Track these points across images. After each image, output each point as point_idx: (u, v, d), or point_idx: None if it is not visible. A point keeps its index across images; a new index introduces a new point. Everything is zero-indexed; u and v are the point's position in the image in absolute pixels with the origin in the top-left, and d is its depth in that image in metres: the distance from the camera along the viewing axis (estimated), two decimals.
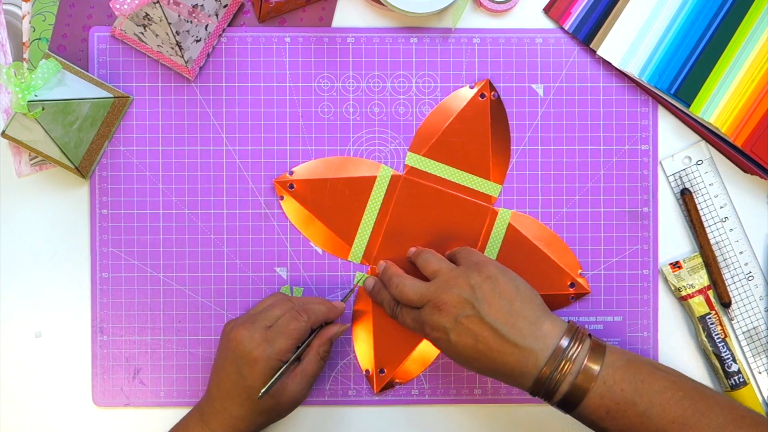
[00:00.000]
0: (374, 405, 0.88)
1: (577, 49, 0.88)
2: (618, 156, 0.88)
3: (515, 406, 0.88)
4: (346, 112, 0.87)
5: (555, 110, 0.88)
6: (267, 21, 0.87)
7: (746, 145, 0.85)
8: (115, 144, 0.87)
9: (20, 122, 0.80)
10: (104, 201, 0.87)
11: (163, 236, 0.87)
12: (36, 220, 0.87)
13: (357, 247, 0.86)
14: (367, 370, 0.87)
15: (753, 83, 0.85)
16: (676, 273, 0.86)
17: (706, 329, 0.86)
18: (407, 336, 0.86)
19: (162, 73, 0.87)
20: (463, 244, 0.86)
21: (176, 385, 0.87)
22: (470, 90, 0.87)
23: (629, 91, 0.88)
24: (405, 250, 0.86)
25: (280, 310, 0.80)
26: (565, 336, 0.73)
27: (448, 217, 0.86)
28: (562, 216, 0.87)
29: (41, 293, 0.87)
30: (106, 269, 0.87)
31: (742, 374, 0.86)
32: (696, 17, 0.86)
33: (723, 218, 0.88)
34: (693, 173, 0.88)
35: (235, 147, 0.87)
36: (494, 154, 0.87)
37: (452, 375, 0.87)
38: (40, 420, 0.87)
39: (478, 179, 0.86)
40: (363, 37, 0.87)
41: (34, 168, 0.87)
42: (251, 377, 0.77)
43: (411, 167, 0.86)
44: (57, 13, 0.86)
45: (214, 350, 0.87)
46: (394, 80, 0.87)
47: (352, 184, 0.86)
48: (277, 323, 0.79)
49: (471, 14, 0.88)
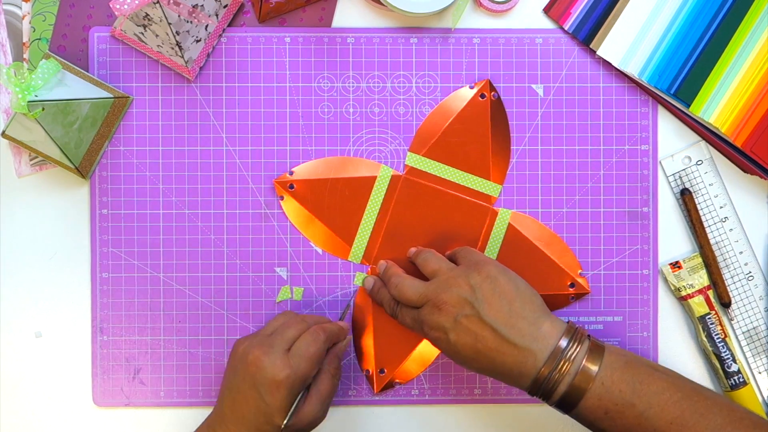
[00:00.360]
0: (374, 405, 0.88)
1: (577, 49, 0.88)
2: (618, 156, 0.88)
3: (515, 406, 0.88)
4: (346, 112, 0.87)
5: (555, 110, 0.88)
6: (267, 21, 0.87)
7: (746, 145, 0.85)
8: (115, 144, 0.87)
9: (20, 122, 0.80)
10: (104, 201, 0.87)
11: (163, 236, 0.87)
12: (36, 220, 0.87)
13: (357, 247, 0.86)
14: (368, 370, 0.87)
15: (753, 83, 0.85)
16: (676, 273, 0.86)
17: (706, 329, 0.86)
18: (407, 336, 0.86)
19: (162, 73, 0.87)
20: (463, 244, 0.86)
21: (176, 385, 0.87)
22: (470, 90, 0.87)
23: (629, 91, 0.88)
24: (405, 250, 0.86)
25: (295, 331, 0.78)
26: (564, 336, 0.73)
27: (448, 217, 0.86)
28: (562, 216, 0.87)
29: (41, 293, 0.87)
30: (106, 269, 0.87)
31: (741, 374, 0.86)
32: (696, 17, 0.86)
33: (723, 218, 0.88)
34: (693, 173, 0.88)
35: (235, 147, 0.87)
36: (494, 155, 0.87)
37: (452, 375, 0.87)
38: (40, 420, 0.87)
39: (478, 179, 0.86)
40: (363, 37, 0.87)
41: (34, 168, 0.87)
42: (274, 404, 0.74)
43: (411, 167, 0.86)
44: (57, 13, 0.86)
45: (214, 350, 0.87)
46: (394, 80, 0.87)
47: (352, 184, 0.86)
48: (297, 347, 0.76)
49: (471, 14, 0.88)
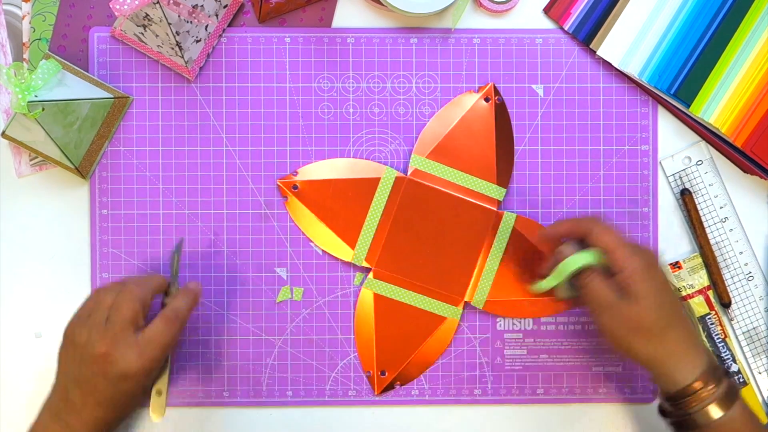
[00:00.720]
0: (374, 405, 0.88)
1: (577, 49, 0.88)
2: (618, 156, 0.88)
3: (515, 406, 0.88)
4: (346, 112, 0.87)
5: (555, 110, 0.88)
6: (267, 21, 0.87)
7: (746, 145, 0.85)
8: (115, 144, 0.87)
9: (20, 123, 0.80)
10: (104, 201, 0.87)
11: (163, 236, 0.87)
12: (36, 220, 0.87)
13: (360, 249, 0.86)
14: (369, 372, 0.87)
15: (753, 83, 0.85)
16: (676, 273, 0.87)
17: (706, 329, 0.86)
18: (409, 339, 0.86)
19: (162, 73, 0.87)
20: (466, 247, 0.86)
21: (176, 385, 0.87)
22: (475, 94, 0.87)
23: (629, 91, 0.88)
24: (408, 252, 0.86)
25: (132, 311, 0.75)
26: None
27: (451, 219, 0.86)
28: (562, 216, 0.87)
29: (41, 293, 0.87)
30: (106, 269, 0.87)
31: (742, 374, 0.86)
32: (696, 17, 0.86)
33: (723, 218, 0.88)
34: (693, 173, 0.88)
35: (235, 147, 0.87)
36: (498, 158, 0.86)
37: (452, 375, 0.87)
38: None
39: (483, 182, 0.86)
40: (363, 38, 0.87)
41: (34, 168, 0.87)
42: (132, 391, 0.75)
43: (415, 169, 0.86)
44: (57, 14, 0.86)
45: (214, 350, 0.87)
46: (394, 80, 0.87)
47: (356, 185, 0.86)
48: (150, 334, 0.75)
49: (471, 14, 0.88)
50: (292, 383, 0.87)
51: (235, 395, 0.87)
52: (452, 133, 0.86)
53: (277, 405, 0.87)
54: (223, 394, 0.87)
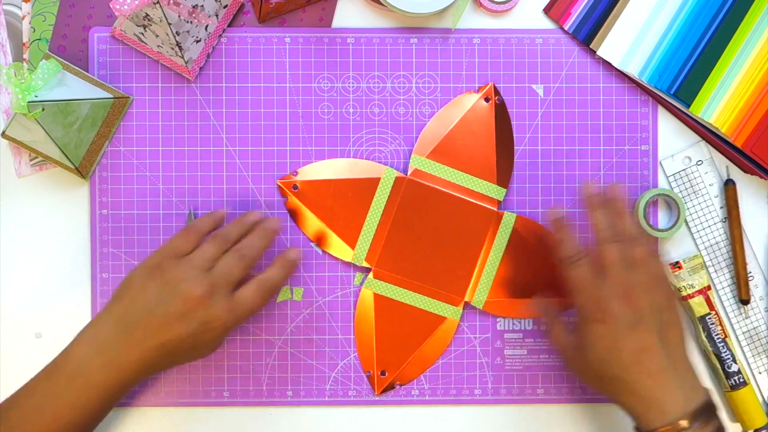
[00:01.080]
0: (374, 405, 0.88)
1: (577, 49, 0.88)
2: (618, 156, 0.88)
3: (515, 406, 0.88)
4: (346, 112, 0.87)
5: (555, 110, 0.88)
6: (267, 21, 0.87)
7: (746, 145, 0.85)
8: (115, 144, 0.87)
9: (20, 123, 0.80)
10: (104, 201, 0.87)
11: (163, 236, 0.87)
12: (36, 220, 0.87)
13: (360, 249, 0.86)
14: (369, 372, 0.87)
15: (753, 83, 0.85)
16: (676, 273, 0.86)
17: (706, 329, 0.86)
18: (409, 339, 0.86)
19: (162, 73, 0.87)
20: (466, 247, 0.86)
21: (176, 385, 0.87)
22: (475, 94, 0.87)
23: (629, 91, 0.88)
24: (408, 252, 0.86)
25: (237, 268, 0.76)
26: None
27: (452, 219, 0.86)
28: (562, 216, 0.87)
29: (41, 293, 0.87)
30: (106, 269, 0.87)
31: (742, 374, 0.86)
32: (696, 17, 0.86)
33: (723, 218, 0.88)
34: (693, 173, 0.88)
35: (235, 147, 0.87)
36: (498, 158, 0.86)
37: (452, 375, 0.87)
38: None
39: (483, 182, 0.86)
40: (363, 38, 0.87)
41: (34, 168, 0.87)
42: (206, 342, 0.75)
43: (415, 169, 0.86)
44: (57, 14, 0.86)
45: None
46: (394, 80, 0.87)
47: (356, 185, 0.86)
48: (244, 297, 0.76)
49: (471, 14, 0.88)
50: (292, 383, 0.87)
51: (235, 395, 0.87)
52: (452, 133, 0.86)
53: (277, 405, 0.87)
54: (223, 394, 0.87)
